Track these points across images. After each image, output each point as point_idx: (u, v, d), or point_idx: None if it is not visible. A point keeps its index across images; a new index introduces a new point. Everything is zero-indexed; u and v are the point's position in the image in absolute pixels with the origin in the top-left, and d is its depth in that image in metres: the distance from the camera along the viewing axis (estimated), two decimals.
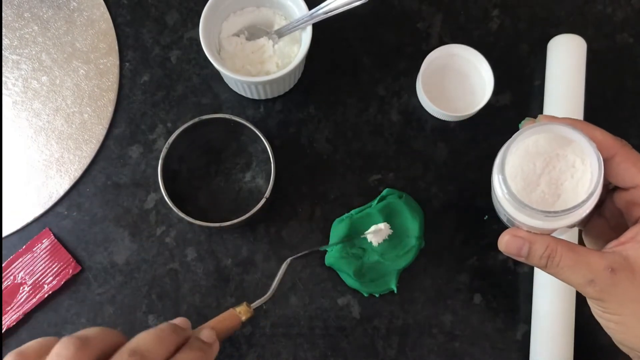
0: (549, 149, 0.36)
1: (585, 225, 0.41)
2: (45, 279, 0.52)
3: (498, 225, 0.54)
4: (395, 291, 0.52)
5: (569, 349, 0.50)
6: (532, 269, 0.53)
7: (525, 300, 0.52)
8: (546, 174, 0.36)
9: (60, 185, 0.54)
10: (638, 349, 0.37)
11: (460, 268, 0.53)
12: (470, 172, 0.55)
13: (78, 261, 0.53)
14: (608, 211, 0.39)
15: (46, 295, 0.51)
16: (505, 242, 0.38)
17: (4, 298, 0.51)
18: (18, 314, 0.51)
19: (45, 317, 0.52)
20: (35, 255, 0.52)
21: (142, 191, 0.54)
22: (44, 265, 0.52)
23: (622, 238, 0.36)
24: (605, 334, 0.38)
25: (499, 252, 0.54)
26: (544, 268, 0.37)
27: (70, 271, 0.52)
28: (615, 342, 0.38)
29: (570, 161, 0.36)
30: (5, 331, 0.51)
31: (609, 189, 0.39)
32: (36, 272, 0.52)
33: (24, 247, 0.53)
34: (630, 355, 0.38)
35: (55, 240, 0.53)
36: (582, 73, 0.54)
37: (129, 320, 0.52)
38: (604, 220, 0.40)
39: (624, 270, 0.34)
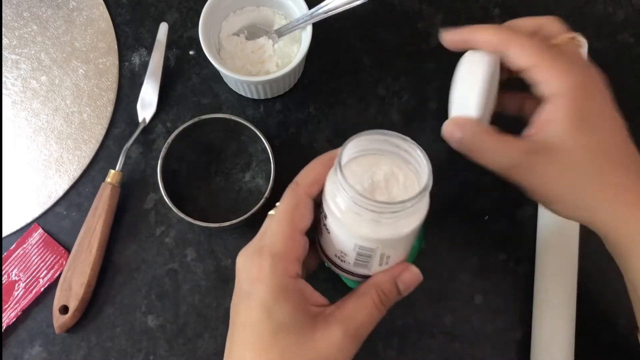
0: (367, 167, 0.37)
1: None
2: (39, 273, 0.52)
3: (499, 225, 0.54)
4: None
5: (569, 349, 0.49)
6: (533, 268, 0.53)
7: (525, 300, 0.52)
8: (376, 188, 0.36)
9: (59, 185, 0.54)
10: (582, 218, 0.39)
11: (461, 268, 0.53)
12: (470, 172, 0.55)
13: None
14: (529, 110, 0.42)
15: (42, 290, 0.51)
16: (446, 129, 0.41)
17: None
18: (16, 311, 0.51)
19: (44, 317, 0.52)
20: (26, 250, 0.52)
21: (141, 191, 0.54)
22: (36, 260, 0.52)
23: (537, 122, 0.39)
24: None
25: (500, 252, 0.54)
26: (468, 152, 0.40)
27: (64, 263, 0.52)
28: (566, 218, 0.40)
29: (389, 171, 0.36)
30: (4, 330, 0.51)
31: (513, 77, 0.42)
32: (30, 268, 0.52)
33: (14, 244, 0.53)
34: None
35: (45, 233, 0.53)
36: None
37: (128, 320, 0.52)
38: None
39: (542, 151, 0.37)
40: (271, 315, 0.33)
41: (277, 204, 0.38)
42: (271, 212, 0.38)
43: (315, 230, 0.39)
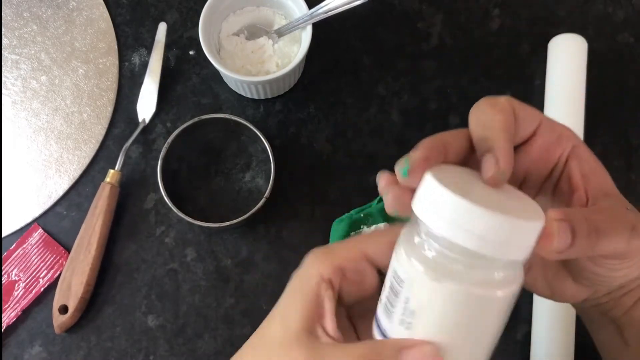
0: None
1: None
2: (39, 273, 0.52)
3: None
4: None
5: (569, 349, 0.49)
6: None
7: (525, 300, 0.52)
8: None
9: (59, 185, 0.54)
10: None
11: None
12: None
13: None
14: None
15: (42, 290, 0.51)
16: (557, 242, 0.27)
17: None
18: (16, 311, 0.51)
19: (45, 317, 0.52)
20: (26, 250, 0.52)
21: (141, 191, 0.54)
22: (36, 260, 0.52)
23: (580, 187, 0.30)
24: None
25: None
26: (591, 248, 0.28)
27: (64, 262, 0.52)
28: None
29: None
30: (4, 330, 0.51)
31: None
32: (30, 268, 0.52)
33: (14, 244, 0.53)
34: None
35: (45, 233, 0.53)
36: (582, 73, 0.54)
37: (128, 320, 0.52)
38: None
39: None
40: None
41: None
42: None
43: None
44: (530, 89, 0.56)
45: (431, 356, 0.26)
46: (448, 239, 0.25)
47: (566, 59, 0.54)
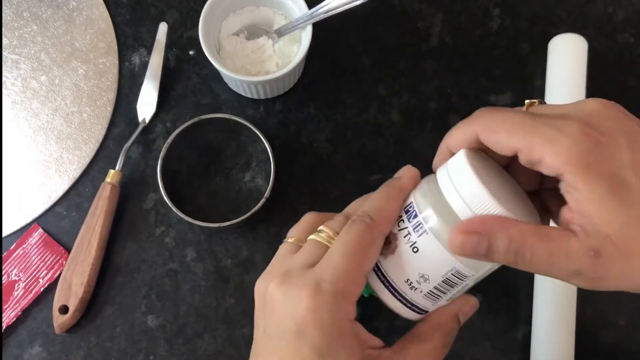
0: None
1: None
2: (39, 273, 0.52)
3: None
4: None
5: (569, 349, 0.49)
6: None
7: (526, 300, 0.52)
8: None
9: (59, 185, 0.54)
10: None
11: None
12: None
13: None
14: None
15: (42, 290, 0.51)
16: (460, 243, 0.30)
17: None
18: (16, 311, 0.51)
19: (44, 317, 0.52)
20: (26, 250, 0.52)
21: (141, 191, 0.54)
22: (36, 260, 0.52)
23: (574, 205, 0.28)
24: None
25: None
26: (513, 264, 0.30)
27: (64, 262, 0.52)
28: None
29: None
30: (4, 330, 0.51)
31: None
32: (30, 268, 0.52)
33: (14, 244, 0.52)
34: None
35: (45, 233, 0.53)
36: (583, 73, 0.54)
37: (128, 320, 0.52)
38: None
39: (608, 249, 0.28)
40: None
41: (327, 228, 0.35)
42: (316, 238, 0.35)
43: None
44: (530, 89, 0.56)
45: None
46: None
47: (566, 59, 0.54)
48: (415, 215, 0.32)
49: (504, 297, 0.52)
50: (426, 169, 0.56)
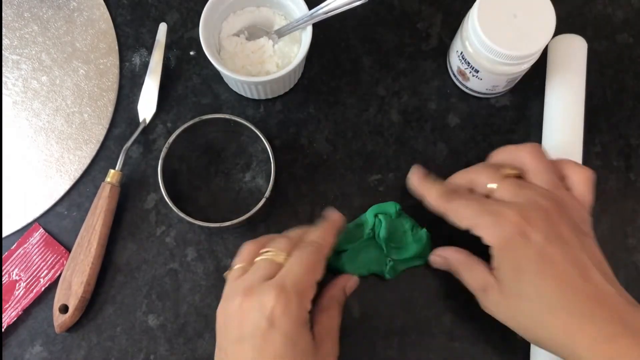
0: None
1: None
2: (40, 272, 0.52)
3: None
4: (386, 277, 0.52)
5: None
6: None
7: None
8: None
9: (60, 185, 0.54)
10: (540, 338, 0.42)
11: None
12: None
13: None
14: None
15: (43, 289, 0.52)
16: (433, 260, 0.51)
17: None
18: (17, 310, 0.51)
19: (45, 317, 0.52)
20: (27, 250, 0.52)
21: (141, 191, 0.54)
22: (37, 259, 0.52)
23: (492, 262, 0.43)
24: None
25: None
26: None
27: (65, 262, 0.52)
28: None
29: None
30: (5, 329, 0.51)
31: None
32: (30, 267, 0.52)
33: (15, 244, 0.53)
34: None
35: (46, 233, 0.53)
36: (582, 73, 0.54)
37: (128, 319, 0.52)
38: None
39: (494, 291, 0.43)
40: (296, 346, 0.39)
41: (273, 248, 0.44)
42: (266, 257, 0.43)
43: None
44: (529, 89, 0.57)
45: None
46: None
47: (566, 59, 0.54)
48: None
49: None
50: (426, 169, 0.56)
